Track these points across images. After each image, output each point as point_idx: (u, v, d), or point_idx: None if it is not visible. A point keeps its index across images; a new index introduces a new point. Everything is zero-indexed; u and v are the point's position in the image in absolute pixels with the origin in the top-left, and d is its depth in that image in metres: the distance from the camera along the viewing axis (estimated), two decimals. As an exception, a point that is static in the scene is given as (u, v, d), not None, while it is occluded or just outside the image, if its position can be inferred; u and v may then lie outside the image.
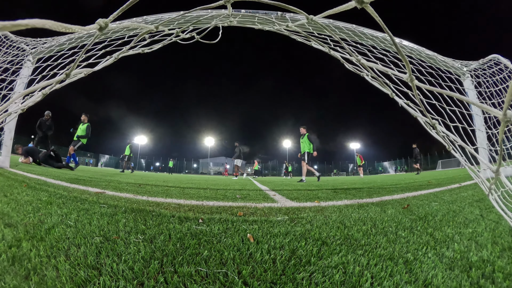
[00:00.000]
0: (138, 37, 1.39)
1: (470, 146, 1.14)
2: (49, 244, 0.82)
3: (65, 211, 1.32)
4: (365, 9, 0.65)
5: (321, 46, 1.71)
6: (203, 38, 2.08)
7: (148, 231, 1.01)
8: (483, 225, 1.21)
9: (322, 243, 0.92)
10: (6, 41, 4.35)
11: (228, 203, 1.95)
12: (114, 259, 0.72)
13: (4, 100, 3.27)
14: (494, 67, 4.35)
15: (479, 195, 2.33)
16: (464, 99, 0.82)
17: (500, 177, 0.93)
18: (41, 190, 2.11)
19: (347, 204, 1.94)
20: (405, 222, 1.27)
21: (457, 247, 0.88)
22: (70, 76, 1.08)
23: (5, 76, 4.02)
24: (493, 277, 0.67)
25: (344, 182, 6.53)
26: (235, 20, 3.01)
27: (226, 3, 0.96)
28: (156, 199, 2.02)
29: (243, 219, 1.31)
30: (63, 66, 2.25)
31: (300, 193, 2.95)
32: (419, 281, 0.65)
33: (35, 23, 0.48)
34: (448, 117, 1.57)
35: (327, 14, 0.90)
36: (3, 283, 0.59)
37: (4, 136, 4.76)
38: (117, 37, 3.36)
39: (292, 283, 0.63)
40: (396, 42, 0.71)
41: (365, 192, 2.96)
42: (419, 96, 1.09)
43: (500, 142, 0.75)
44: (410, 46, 4.58)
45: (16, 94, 3.83)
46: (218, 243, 0.90)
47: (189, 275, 0.65)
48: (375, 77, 1.44)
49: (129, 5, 0.78)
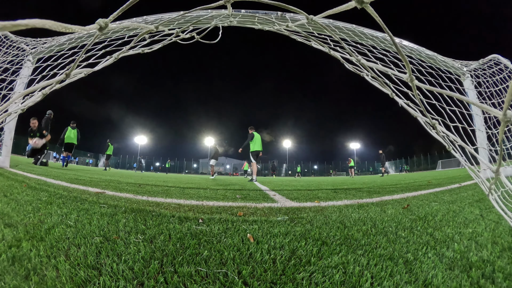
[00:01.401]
0: (138, 37, 1.39)
1: (470, 146, 1.14)
2: (49, 244, 0.82)
3: (65, 211, 1.32)
4: (365, 9, 0.65)
5: (321, 46, 1.71)
6: (203, 38, 2.08)
7: (148, 231, 1.01)
8: (483, 225, 1.21)
9: (322, 243, 0.92)
10: (6, 41, 4.35)
11: (228, 203, 1.95)
12: (114, 259, 0.72)
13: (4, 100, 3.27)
14: (494, 67, 4.35)
15: (479, 195, 2.33)
16: (464, 99, 0.82)
17: (500, 177, 0.92)
18: (41, 190, 2.11)
19: (347, 204, 1.94)
20: (405, 222, 1.27)
21: (457, 247, 0.88)
22: (70, 76, 1.08)
23: (5, 76, 4.02)
24: (493, 277, 0.67)
25: (337, 182, 6.53)
26: (235, 20, 3.01)
27: (226, 3, 0.96)
28: (156, 199, 2.02)
29: (243, 219, 1.31)
30: (63, 66, 2.24)
31: (300, 193, 2.95)
32: (419, 281, 0.65)
33: (35, 23, 0.48)
34: (448, 117, 1.57)
35: (327, 14, 0.90)
36: (3, 283, 0.59)
37: (4, 136, 4.75)
38: (117, 37, 3.36)
39: (292, 283, 0.63)
40: (396, 42, 0.71)
41: (365, 192, 2.96)
42: (419, 96, 1.09)
43: (500, 142, 0.75)
44: (410, 46, 4.58)
45: (16, 94, 3.83)
46: (218, 243, 0.90)
47: (189, 275, 0.65)
48: (375, 77, 1.44)
49: (129, 5, 0.78)
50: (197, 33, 2.04)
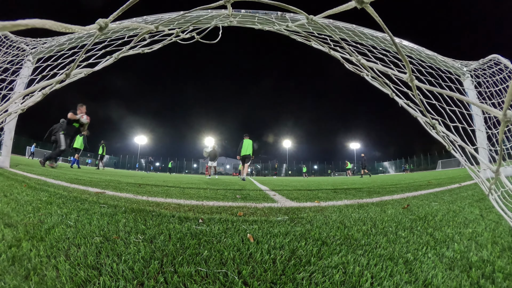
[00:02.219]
0: (138, 37, 1.39)
1: (470, 146, 1.14)
2: (49, 244, 0.82)
3: (65, 211, 1.32)
4: (365, 9, 0.65)
5: (321, 46, 1.71)
6: (203, 38, 2.08)
7: (148, 231, 1.01)
8: (483, 225, 1.21)
9: (322, 243, 0.92)
10: (6, 41, 4.35)
11: (228, 203, 1.95)
12: (114, 259, 0.72)
13: (4, 100, 3.27)
14: (494, 67, 4.35)
15: (479, 195, 2.33)
16: (464, 99, 0.82)
17: (500, 177, 0.92)
18: (41, 190, 2.11)
19: (347, 204, 1.94)
20: (405, 222, 1.27)
21: (457, 247, 0.88)
22: (70, 76, 1.08)
23: (5, 76, 4.02)
24: (493, 277, 0.67)
25: (337, 182, 6.53)
26: (235, 20, 3.01)
27: (226, 3, 0.96)
28: (156, 199, 2.02)
29: (243, 219, 1.31)
30: (63, 66, 2.25)
31: (300, 193, 2.95)
32: (419, 281, 0.65)
33: (35, 23, 0.48)
34: (448, 117, 1.57)
35: (327, 14, 0.90)
36: (3, 283, 0.59)
37: (4, 136, 4.75)
38: (117, 37, 3.36)
39: (292, 283, 0.63)
40: (396, 42, 0.71)
41: (365, 192, 2.96)
42: (419, 96, 1.09)
43: (500, 142, 0.75)
44: (410, 46, 4.58)
45: (16, 94, 3.83)
46: (218, 243, 0.90)
47: (189, 275, 0.65)
48: (375, 77, 1.44)
49: (129, 5, 0.78)
50: (197, 33, 2.04)
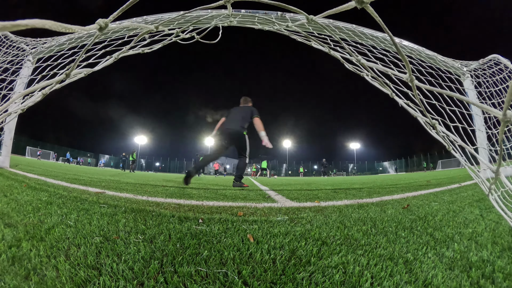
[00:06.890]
0: (138, 37, 1.39)
1: (470, 146, 1.14)
2: (49, 244, 0.82)
3: (65, 211, 1.32)
4: (365, 9, 0.65)
5: (321, 46, 1.71)
6: (203, 38, 2.08)
7: (148, 231, 1.01)
8: (483, 225, 1.21)
9: (322, 243, 0.92)
10: (6, 41, 4.35)
11: (228, 203, 1.95)
12: (114, 259, 0.72)
13: (4, 100, 3.27)
14: (494, 67, 4.35)
15: (479, 195, 2.33)
16: (464, 99, 0.82)
17: (500, 177, 0.92)
18: (41, 190, 2.11)
19: (347, 204, 1.94)
20: (405, 222, 1.27)
21: (457, 247, 0.88)
22: (70, 76, 1.08)
23: (5, 76, 4.03)
24: (493, 277, 0.67)
25: (337, 182, 6.53)
26: (235, 20, 3.01)
27: (226, 3, 0.96)
28: (156, 199, 2.02)
29: (243, 219, 1.31)
30: (63, 66, 2.25)
31: (300, 193, 2.95)
32: (419, 281, 0.65)
33: (35, 23, 0.48)
34: (448, 117, 1.57)
35: (327, 14, 0.90)
36: (3, 283, 0.59)
37: (4, 136, 4.76)
38: (117, 37, 3.36)
39: (292, 283, 0.63)
40: (396, 42, 0.71)
41: (365, 192, 2.96)
42: (419, 96, 1.09)
43: (500, 142, 0.75)
44: (410, 46, 4.58)
45: (16, 94, 3.83)
46: (218, 243, 0.90)
47: (189, 275, 0.65)
48: (375, 77, 1.44)
49: (129, 5, 0.78)
50: (197, 33, 2.04)
